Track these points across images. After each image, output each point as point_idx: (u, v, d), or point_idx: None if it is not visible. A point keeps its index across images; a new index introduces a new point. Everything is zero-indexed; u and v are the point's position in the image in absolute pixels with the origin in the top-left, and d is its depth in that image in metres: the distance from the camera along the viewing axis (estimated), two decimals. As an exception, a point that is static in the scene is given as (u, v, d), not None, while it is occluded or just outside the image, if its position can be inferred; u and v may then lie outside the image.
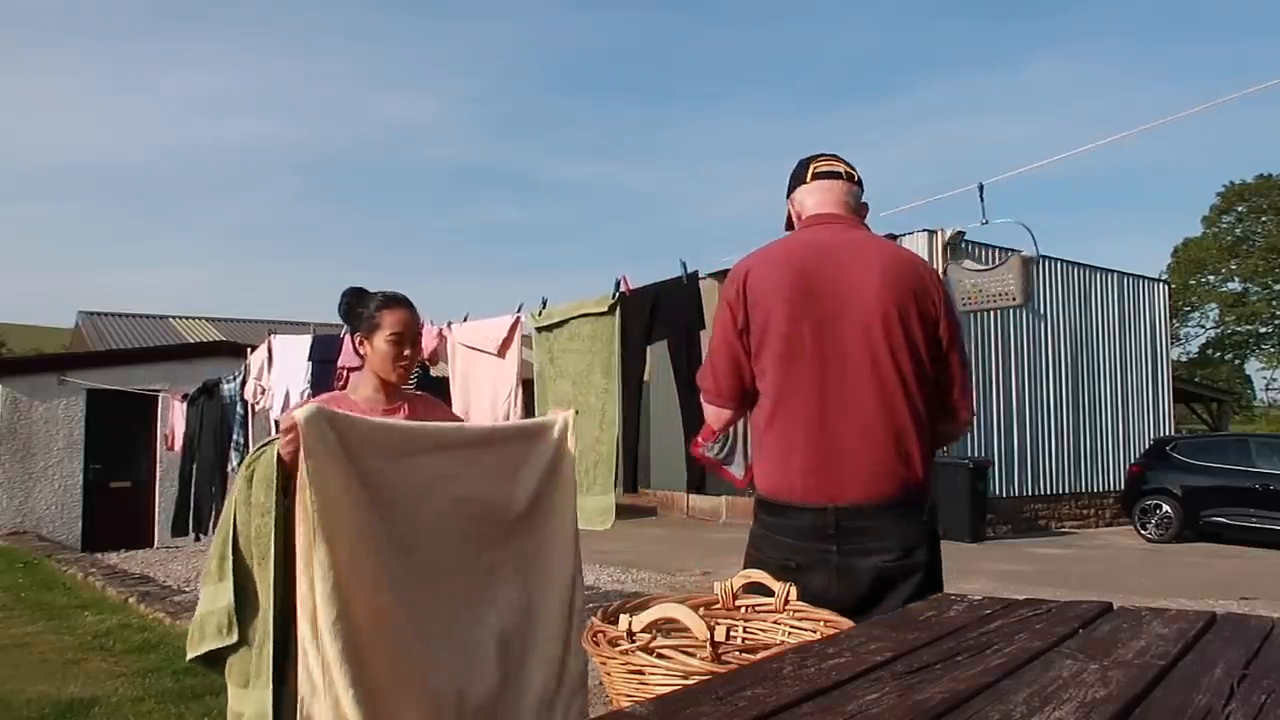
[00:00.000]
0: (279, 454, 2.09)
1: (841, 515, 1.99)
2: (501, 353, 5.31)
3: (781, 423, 2.06)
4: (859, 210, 2.23)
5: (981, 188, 4.11)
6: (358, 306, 2.59)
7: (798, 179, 2.26)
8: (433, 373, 6.21)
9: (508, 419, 5.18)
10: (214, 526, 8.97)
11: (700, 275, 4.35)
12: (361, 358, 2.60)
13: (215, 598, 2.18)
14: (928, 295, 2.09)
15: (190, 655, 2.23)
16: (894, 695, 1.00)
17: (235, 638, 2.13)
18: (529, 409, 5.20)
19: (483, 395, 5.23)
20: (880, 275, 2.05)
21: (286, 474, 2.08)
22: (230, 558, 2.16)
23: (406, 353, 2.54)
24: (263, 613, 2.11)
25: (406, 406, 2.59)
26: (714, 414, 2.21)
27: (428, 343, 6.58)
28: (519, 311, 5.28)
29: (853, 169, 2.26)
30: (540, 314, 5.06)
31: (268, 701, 2.05)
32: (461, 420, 2.81)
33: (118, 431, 13.03)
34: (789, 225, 2.29)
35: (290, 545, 2.02)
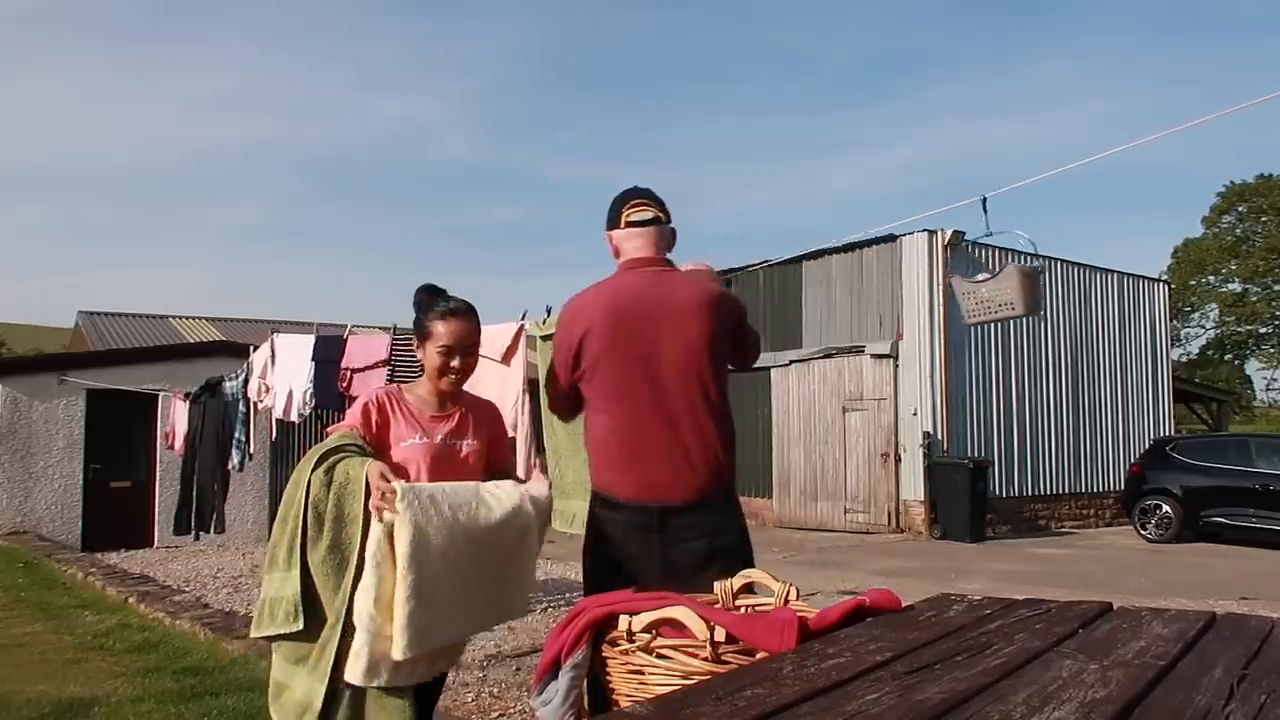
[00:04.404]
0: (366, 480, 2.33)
1: (664, 514, 2.39)
2: (506, 360, 5.30)
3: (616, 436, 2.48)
4: (668, 245, 2.62)
5: (985, 201, 4.12)
6: (422, 310, 2.61)
7: (613, 220, 2.60)
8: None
9: (515, 426, 5.18)
10: (216, 525, 9.01)
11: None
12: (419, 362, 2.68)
13: (284, 585, 2.36)
14: (726, 318, 2.52)
15: (255, 634, 2.45)
16: (894, 695, 1.00)
17: (300, 625, 2.32)
18: (536, 415, 5.19)
19: (489, 403, 5.23)
20: (694, 316, 2.45)
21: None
22: (299, 550, 2.34)
23: (455, 364, 2.57)
24: (336, 614, 2.30)
25: (458, 415, 2.63)
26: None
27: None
28: (523, 319, 5.28)
29: (661, 208, 2.61)
30: (545, 322, 5.05)
31: (319, 693, 2.27)
32: (508, 429, 2.88)
33: (118, 431, 13.02)
34: (616, 254, 2.62)
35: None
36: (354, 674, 2.21)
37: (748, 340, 2.66)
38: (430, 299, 2.62)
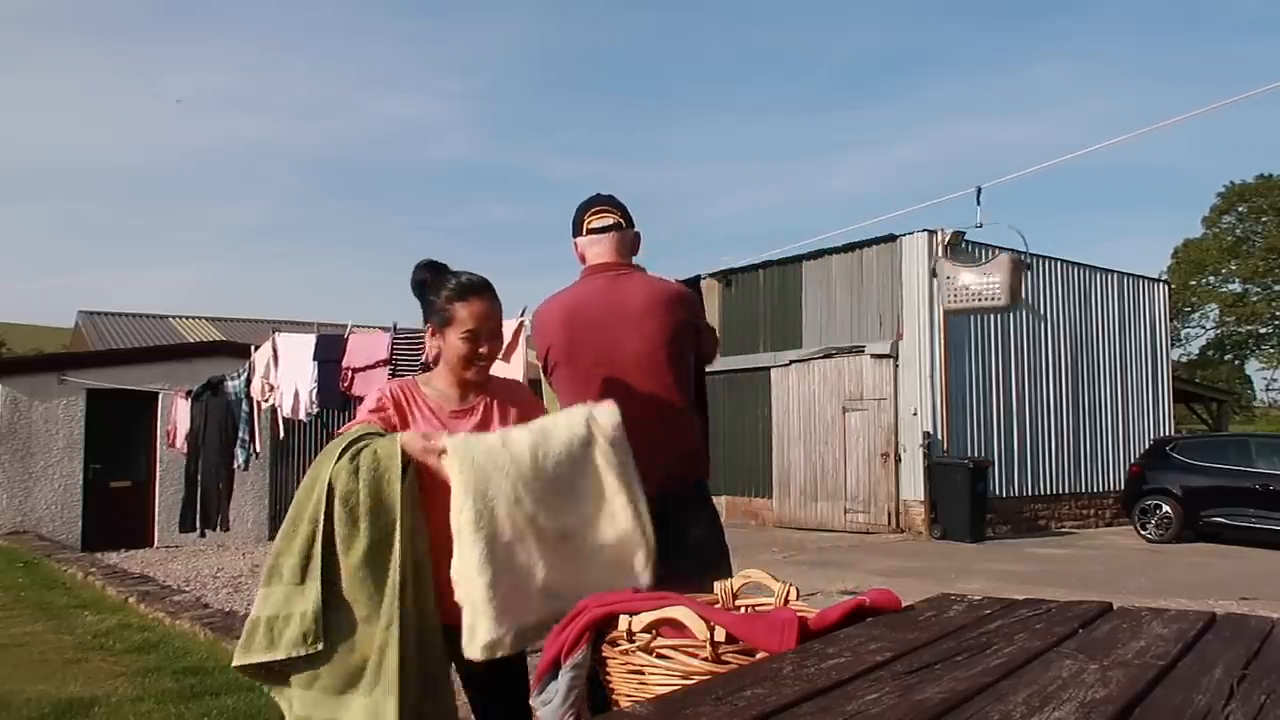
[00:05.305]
0: (403, 452, 2.02)
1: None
2: (506, 356, 5.30)
3: None
4: (631, 249, 2.70)
5: (979, 191, 4.11)
6: (430, 293, 2.31)
7: (577, 228, 2.71)
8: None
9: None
10: (221, 523, 9.01)
11: (701, 276, 4.34)
12: (436, 349, 2.37)
13: (291, 601, 1.99)
14: (685, 316, 2.59)
15: (243, 661, 2.01)
16: (894, 695, 1.00)
17: (321, 646, 1.95)
18: None
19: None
20: (646, 316, 2.52)
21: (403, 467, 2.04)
22: (319, 557, 1.98)
23: (483, 350, 2.27)
24: (388, 614, 1.97)
25: (482, 406, 2.33)
26: None
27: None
28: (522, 315, 5.27)
29: (623, 213, 2.69)
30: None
31: (390, 710, 1.93)
32: (544, 408, 2.54)
33: (118, 431, 13.02)
34: (582, 260, 2.72)
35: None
36: (472, 649, 1.90)
37: (706, 335, 2.75)
38: (438, 277, 2.31)
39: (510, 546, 1.96)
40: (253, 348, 8.56)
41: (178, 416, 10.06)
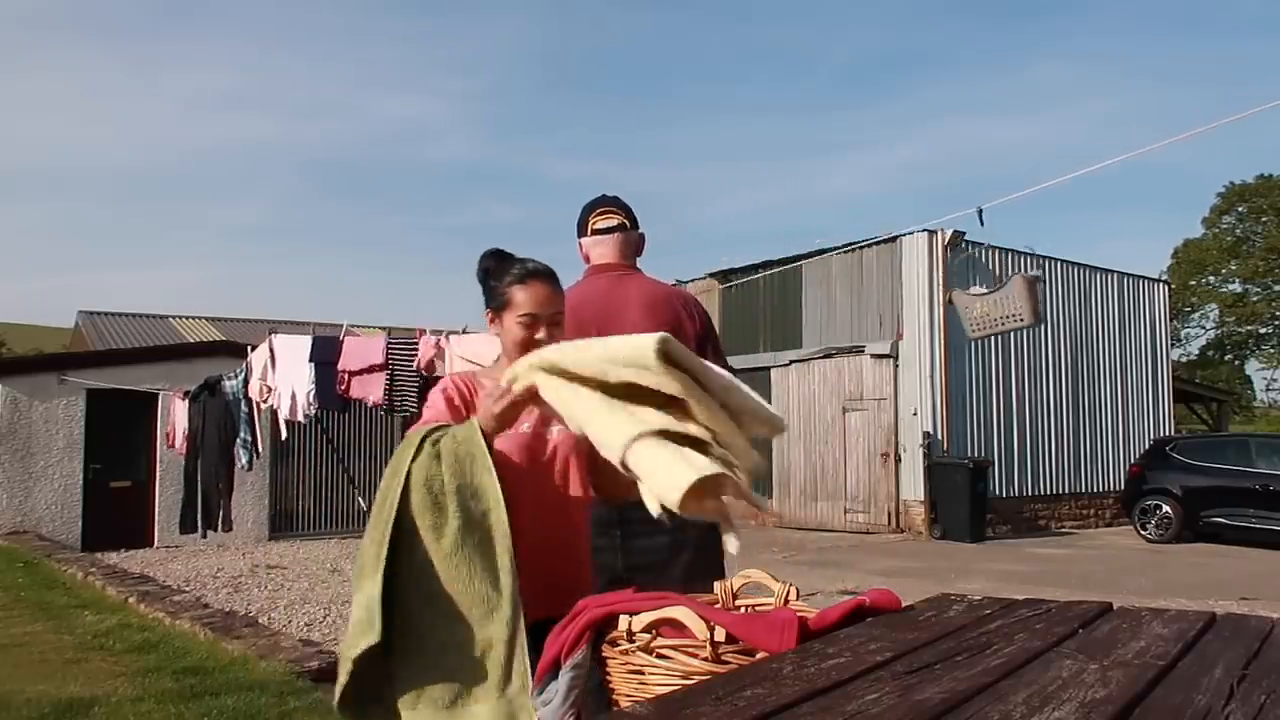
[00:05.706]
0: (482, 426, 1.91)
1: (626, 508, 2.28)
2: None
3: None
4: (635, 250, 2.76)
5: (980, 213, 4.10)
6: (493, 278, 2.25)
7: (581, 228, 2.78)
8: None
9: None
10: (223, 523, 9.00)
11: (700, 275, 4.35)
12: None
13: (358, 601, 1.80)
14: (682, 324, 2.64)
15: (341, 680, 1.75)
16: (894, 695, 1.00)
17: (377, 634, 1.73)
18: None
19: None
20: (640, 313, 2.58)
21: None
22: (385, 552, 1.80)
23: (540, 335, 2.17)
24: (511, 598, 1.79)
25: None
26: None
27: (425, 353, 6.56)
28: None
29: (628, 214, 2.74)
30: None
31: (526, 711, 1.72)
32: None
33: (118, 431, 13.02)
34: (586, 261, 2.81)
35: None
36: (684, 480, 1.58)
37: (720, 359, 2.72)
38: (501, 264, 2.26)
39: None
40: (249, 349, 8.56)
41: (176, 417, 10.07)
